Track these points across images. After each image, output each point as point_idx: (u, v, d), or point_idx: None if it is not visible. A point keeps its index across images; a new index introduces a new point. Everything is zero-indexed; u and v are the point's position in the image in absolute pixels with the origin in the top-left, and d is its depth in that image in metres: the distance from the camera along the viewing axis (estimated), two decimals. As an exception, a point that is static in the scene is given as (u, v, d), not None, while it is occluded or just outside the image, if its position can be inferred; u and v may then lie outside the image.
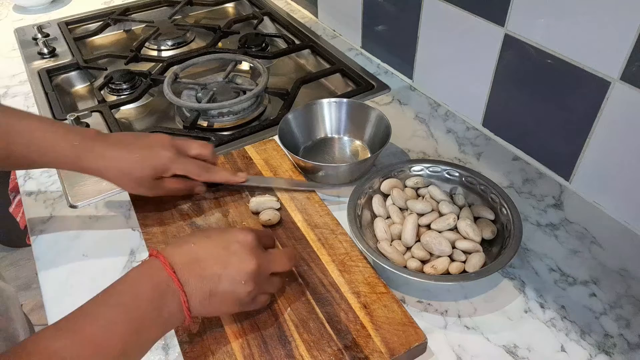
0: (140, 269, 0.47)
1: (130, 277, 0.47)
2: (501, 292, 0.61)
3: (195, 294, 0.47)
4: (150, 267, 0.47)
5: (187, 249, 0.49)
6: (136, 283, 0.46)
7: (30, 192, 0.78)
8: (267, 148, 0.81)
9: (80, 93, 1.09)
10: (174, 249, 0.49)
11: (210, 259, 0.49)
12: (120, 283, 0.46)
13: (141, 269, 0.47)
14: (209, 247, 0.50)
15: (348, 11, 1.09)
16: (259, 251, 0.52)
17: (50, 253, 0.67)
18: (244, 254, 0.50)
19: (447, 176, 0.71)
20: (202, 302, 0.48)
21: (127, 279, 0.47)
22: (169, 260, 0.47)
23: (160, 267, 0.47)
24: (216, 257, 0.49)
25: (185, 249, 0.49)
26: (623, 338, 0.56)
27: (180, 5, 1.31)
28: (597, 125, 0.67)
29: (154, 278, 0.46)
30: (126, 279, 0.47)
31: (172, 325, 0.48)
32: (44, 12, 1.34)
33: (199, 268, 0.48)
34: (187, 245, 0.49)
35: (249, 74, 1.10)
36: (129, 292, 0.45)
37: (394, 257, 0.61)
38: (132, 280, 0.46)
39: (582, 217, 0.70)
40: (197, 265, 0.48)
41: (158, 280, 0.46)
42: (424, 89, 0.97)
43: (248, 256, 0.50)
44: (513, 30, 0.73)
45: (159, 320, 0.45)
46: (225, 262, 0.49)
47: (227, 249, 0.50)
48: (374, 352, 0.52)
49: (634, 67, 0.60)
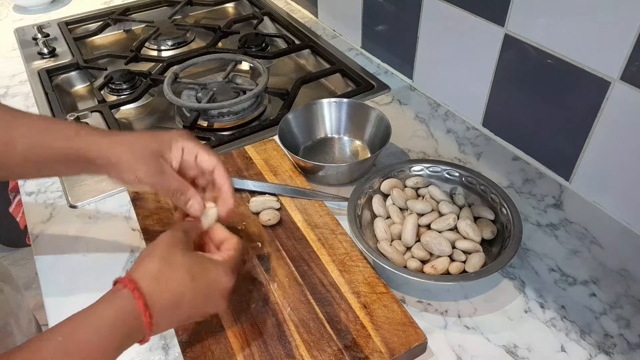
0: (113, 308, 0.43)
1: (101, 317, 0.43)
2: (501, 292, 0.61)
3: (158, 329, 0.46)
4: (123, 311, 0.43)
5: (172, 294, 0.46)
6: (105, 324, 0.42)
7: (30, 192, 0.78)
8: (267, 148, 0.81)
9: (80, 93, 1.09)
10: (155, 287, 0.45)
11: (189, 308, 0.47)
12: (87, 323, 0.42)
13: (114, 309, 0.43)
14: (191, 294, 0.47)
15: (348, 11, 1.09)
16: (233, 287, 0.51)
17: (50, 253, 0.67)
18: (220, 301, 0.49)
19: (447, 176, 0.71)
20: (164, 330, 0.48)
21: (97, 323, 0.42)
22: (149, 302, 0.44)
23: (136, 315, 0.43)
24: (195, 305, 0.48)
25: (171, 294, 0.46)
26: (623, 338, 0.56)
27: (180, 5, 1.31)
28: (597, 125, 0.67)
29: (126, 324, 0.43)
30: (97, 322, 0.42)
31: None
32: (44, 12, 1.34)
33: (175, 315, 0.47)
34: (172, 287, 0.46)
35: (249, 74, 1.10)
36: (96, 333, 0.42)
37: (394, 257, 0.61)
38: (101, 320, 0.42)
39: (582, 217, 0.70)
40: (175, 310, 0.46)
41: (130, 327, 0.43)
42: (424, 89, 0.97)
43: (223, 302, 0.50)
44: (513, 30, 0.73)
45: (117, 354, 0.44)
46: (201, 309, 0.49)
47: (208, 296, 0.48)
48: (374, 352, 0.52)
49: (634, 67, 0.60)
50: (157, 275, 0.45)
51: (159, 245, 0.48)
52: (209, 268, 0.48)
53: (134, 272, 0.46)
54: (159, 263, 0.46)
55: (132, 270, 0.46)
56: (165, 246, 0.48)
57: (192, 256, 0.48)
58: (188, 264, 0.47)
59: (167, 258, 0.47)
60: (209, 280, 0.48)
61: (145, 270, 0.46)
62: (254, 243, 0.65)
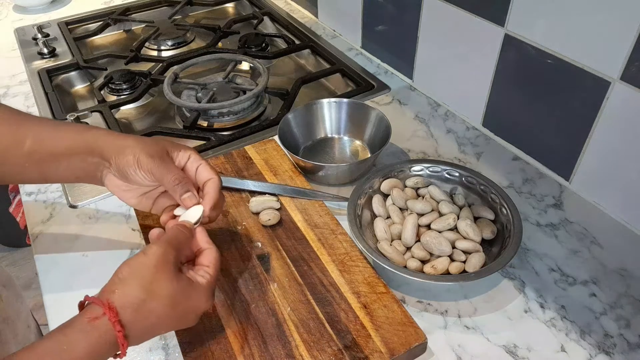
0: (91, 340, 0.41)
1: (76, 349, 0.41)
2: (501, 292, 0.61)
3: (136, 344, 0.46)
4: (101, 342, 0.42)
5: (149, 323, 0.45)
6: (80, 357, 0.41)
7: (30, 192, 0.78)
8: (267, 148, 0.81)
9: (80, 93, 1.09)
10: (135, 319, 0.44)
11: (161, 330, 0.48)
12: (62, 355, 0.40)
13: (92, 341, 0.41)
14: (169, 319, 0.47)
15: (348, 11, 1.09)
16: (212, 303, 0.51)
17: (50, 253, 0.67)
18: (196, 319, 0.50)
19: (447, 176, 0.71)
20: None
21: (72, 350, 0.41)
22: (127, 333, 0.43)
23: (113, 344, 0.42)
24: (169, 326, 0.48)
25: (148, 323, 0.45)
26: (623, 338, 0.56)
27: (180, 5, 1.31)
28: (597, 125, 0.67)
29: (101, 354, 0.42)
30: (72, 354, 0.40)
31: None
32: (44, 12, 1.34)
33: (148, 335, 0.47)
34: (151, 319, 0.45)
35: (249, 74, 1.10)
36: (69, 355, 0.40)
37: (394, 257, 0.61)
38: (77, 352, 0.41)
39: (582, 217, 0.70)
40: (148, 336, 0.47)
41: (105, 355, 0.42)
42: (424, 89, 0.97)
43: (195, 319, 0.50)
44: (513, 30, 0.73)
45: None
46: (173, 327, 0.49)
47: (182, 319, 0.48)
48: (374, 352, 0.52)
49: (634, 67, 0.60)
50: (140, 306, 0.44)
51: (145, 267, 0.45)
52: (190, 295, 0.47)
53: (114, 297, 0.43)
54: (142, 293, 0.44)
55: (111, 293, 0.44)
56: (152, 269, 0.45)
57: (177, 283, 0.46)
58: (172, 294, 0.45)
59: (152, 284, 0.45)
60: (188, 307, 0.47)
61: (126, 298, 0.44)
62: (254, 243, 0.65)
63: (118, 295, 0.44)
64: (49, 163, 0.54)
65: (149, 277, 0.45)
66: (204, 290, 0.49)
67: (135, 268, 0.46)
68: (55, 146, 0.54)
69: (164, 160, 0.54)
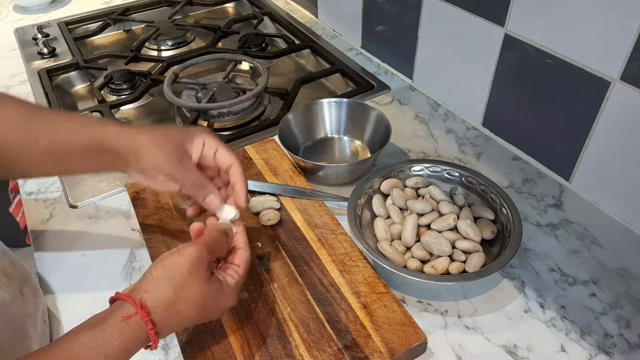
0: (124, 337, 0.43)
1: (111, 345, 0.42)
2: (501, 292, 0.61)
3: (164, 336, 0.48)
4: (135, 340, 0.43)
5: (178, 322, 0.47)
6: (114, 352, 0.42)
7: (30, 192, 0.78)
8: (267, 148, 0.81)
9: (80, 93, 1.09)
10: (166, 320, 0.45)
11: (189, 324, 0.49)
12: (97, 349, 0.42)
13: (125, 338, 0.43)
14: (194, 320, 0.49)
15: (348, 11, 1.09)
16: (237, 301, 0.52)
17: (50, 253, 0.67)
18: (217, 317, 0.53)
19: (447, 176, 0.71)
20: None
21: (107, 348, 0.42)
22: (158, 330, 0.44)
23: (145, 341, 0.44)
24: (194, 322, 0.50)
25: (177, 322, 0.47)
26: (623, 338, 0.56)
27: (180, 5, 1.31)
28: (597, 125, 0.67)
29: (134, 350, 0.44)
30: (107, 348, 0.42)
31: None
32: (44, 12, 1.34)
33: (176, 329, 0.49)
34: (180, 319, 0.47)
35: (249, 74, 1.09)
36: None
37: (394, 257, 0.61)
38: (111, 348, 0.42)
39: (582, 217, 0.70)
40: (176, 328, 0.48)
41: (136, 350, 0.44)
42: (424, 89, 0.97)
43: (220, 315, 0.53)
44: (513, 30, 0.73)
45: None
46: (199, 322, 0.50)
47: (209, 316, 0.50)
48: (374, 352, 0.52)
49: (634, 67, 0.60)
50: (170, 307, 0.45)
51: (179, 270, 0.46)
52: (219, 297, 0.49)
53: (147, 294, 0.45)
54: (174, 293, 0.45)
55: (144, 291, 0.45)
56: (185, 273, 0.46)
57: (208, 287, 0.47)
58: (202, 298, 0.47)
59: (184, 288, 0.46)
60: (215, 307, 0.49)
61: (159, 299, 0.45)
62: (254, 243, 0.65)
63: (150, 295, 0.45)
64: (67, 159, 0.54)
65: (181, 281, 0.46)
66: (232, 290, 0.50)
67: (169, 269, 0.46)
68: (69, 145, 0.53)
69: (181, 160, 0.53)
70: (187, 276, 0.46)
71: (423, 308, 0.60)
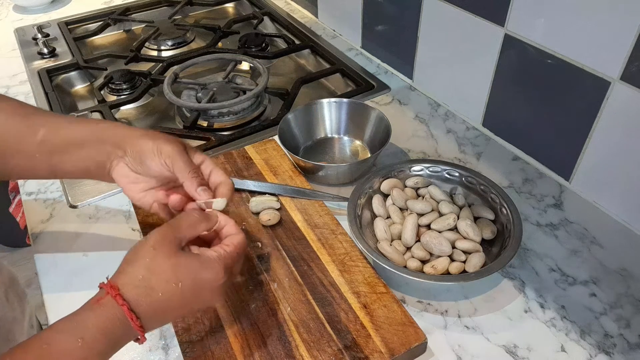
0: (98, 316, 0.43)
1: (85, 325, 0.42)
2: (501, 292, 0.61)
3: (152, 329, 0.47)
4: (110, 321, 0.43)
5: (155, 301, 0.45)
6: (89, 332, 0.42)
7: (30, 192, 0.78)
8: (267, 148, 0.81)
9: (80, 93, 1.09)
10: (139, 298, 0.44)
11: (179, 308, 0.47)
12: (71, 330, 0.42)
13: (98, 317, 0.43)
14: (178, 298, 0.46)
15: (348, 11, 1.09)
16: (226, 283, 0.49)
17: (50, 253, 0.67)
18: (212, 299, 0.49)
19: (447, 176, 0.71)
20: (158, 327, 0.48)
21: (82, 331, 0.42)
22: (135, 309, 0.44)
23: (123, 321, 0.43)
24: (184, 305, 0.47)
25: (154, 301, 0.45)
26: (623, 338, 0.56)
27: (180, 5, 1.31)
28: (597, 125, 0.67)
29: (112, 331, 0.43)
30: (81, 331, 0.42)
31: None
32: (44, 12, 1.34)
33: (166, 316, 0.47)
34: (155, 296, 0.45)
35: (249, 74, 1.10)
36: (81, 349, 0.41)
37: (394, 257, 0.61)
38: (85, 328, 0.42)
39: (582, 217, 0.70)
40: (164, 314, 0.47)
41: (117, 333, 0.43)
42: (424, 89, 0.97)
43: (216, 297, 0.49)
44: (513, 30, 0.73)
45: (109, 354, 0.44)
46: (192, 307, 0.48)
47: (197, 296, 0.47)
48: (374, 352, 0.52)
49: (634, 67, 0.60)
50: (141, 283, 0.45)
51: (144, 248, 0.46)
52: (195, 269, 0.47)
53: (117, 277, 0.45)
54: (142, 270, 0.45)
55: (115, 275, 0.45)
56: (150, 249, 0.46)
57: (177, 259, 0.46)
58: (172, 269, 0.46)
59: (150, 264, 0.45)
60: (195, 281, 0.47)
61: (128, 277, 0.45)
62: (254, 243, 0.65)
63: (120, 275, 0.45)
64: (60, 154, 0.54)
65: (146, 255, 0.46)
66: (213, 262, 0.48)
67: (136, 250, 0.47)
68: (69, 135, 0.54)
69: (180, 150, 0.54)
70: (152, 250, 0.46)
71: (423, 308, 0.60)
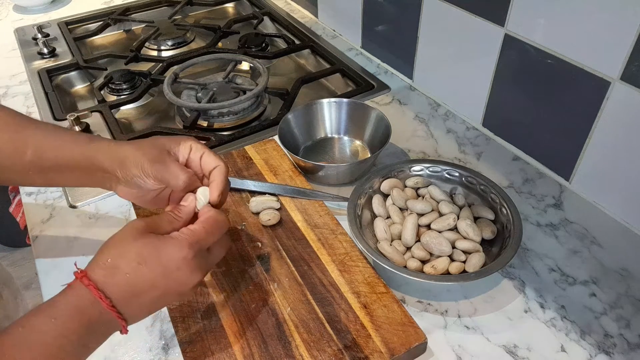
0: (68, 298, 0.43)
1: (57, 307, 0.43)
2: (501, 292, 0.61)
3: (135, 317, 0.47)
4: (80, 300, 0.43)
5: (122, 280, 0.45)
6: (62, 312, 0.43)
7: (30, 192, 0.78)
8: (267, 148, 0.81)
9: (80, 93, 1.09)
10: (106, 279, 0.45)
11: (149, 290, 0.46)
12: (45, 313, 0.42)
13: (70, 302, 0.43)
14: (145, 276, 0.46)
15: (348, 11, 1.09)
16: (200, 261, 0.48)
17: (50, 253, 0.67)
18: (184, 276, 0.48)
19: (447, 176, 0.71)
20: (142, 316, 0.48)
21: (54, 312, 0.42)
22: (104, 290, 0.44)
23: (93, 302, 0.44)
24: (157, 286, 0.47)
25: (121, 280, 0.45)
26: (623, 338, 0.56)
27: (180, 5, 1.31)
28: (597, 125, 0.67)
29: (85, 312, 0.43)
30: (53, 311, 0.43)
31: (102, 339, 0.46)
32: (44, 12, 1.34)
33: (143, 300, 0.47)
34: (122, 276, 0.45)
35: (249, 74, 1.10)
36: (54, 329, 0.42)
37: (394, 257, 0.61)
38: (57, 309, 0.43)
39: (582, 217, 0.70)
40: (139, 297, 0.46)
41: (90, 315, 0.43)
42: (424, 89, 0.97)
43: (190, 275, 0.48)
44: (513, 30, 0.73)
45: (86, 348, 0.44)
46: (166, 289, 0.47)
47: (167, 275, 0.47)
48: (374, 352, 0.52)
49: (634, 67, 0.60)
50: (107, 265, 0.45)
51: (114, 237, 0.48)
52: (159, 247, 0.47)
53: (87, 265, 0.46)
54: (110, 254, 0.46)
55: (87, 264, 0.47)
56: (118, 237, 0.47)
57: (142, 240, 0.47)
58: (136, 250, 0.46)
59: (116, 247, 0.47)
60: (160, 258, 0.46)
61: (95, 262, 0.46)
62: (254, 243, 0.65)
63: (91, 262, 0.46)
64: (53, 173, 0.55)
65: (113, 242, 0.47)
66: (175, 239, 0.47)
67: (107, 240, 0.48)
68: (58, 157, 0.54)
69: (166, 163, 0.53)
70: (118, 237, 0.47)
71: (423, 308, 0.60)
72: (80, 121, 0.87)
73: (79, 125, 0.87)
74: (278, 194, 0.72)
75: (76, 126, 0.86)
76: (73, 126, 0.86)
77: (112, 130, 0.88)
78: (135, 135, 0.86)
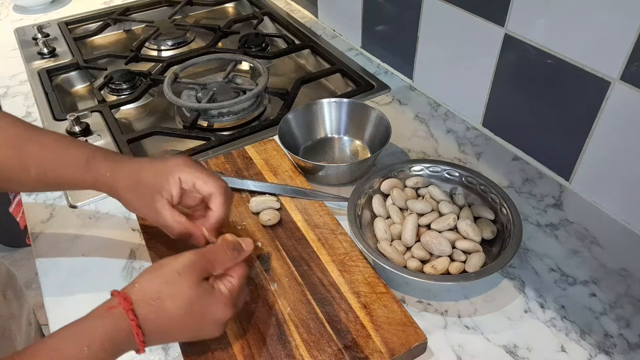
0: (106, 327, 0.43)
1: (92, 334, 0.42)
2: (501, 292, 0.61)
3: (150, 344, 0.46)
4: (117, 332, 0.43)
5: (163, 321, 0.45)
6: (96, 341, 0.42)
7: (30, 193, 0.78)
8: (267, 148, 0.81)
9: (80, 93, 1.09)
10: (148, 316, 0.44)
11: (178, 332, 0.47)
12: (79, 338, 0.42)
13: (107, 328, 0.43)
14: (184, 322, 0.46)
15: (348, 11, 1.09)
16: (233, 313, 0.49)
17: (50, 253, 0.67)
18: (215, 330, 0.49)
19: (447, 176, 0.71)
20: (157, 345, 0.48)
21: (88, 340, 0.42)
22: (142, 325, 0.44)
23: (129, 334, 0.43)
24: (186, 330, 0.47)
25: (162, 321, 0.45)
26: (623, 338, 0.56)
27: (180, 5, 1.31)
28: (597, 125, 0.67)
29: (117, 342, 0.43)
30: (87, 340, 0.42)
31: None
32: (44, 12, 1.34)
33: (166, 337, 0.48)
34: (164, 319, 0.45)
35: (249, 74, 1.10)
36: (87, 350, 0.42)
37: (394, 257, 0.61)
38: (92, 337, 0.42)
39: (582, 217, 0.70)
40: (166, 334, 0.47)
41: (121, 344, 0.44)
42: (424, 89, 0.97)
43: (218, 329, 0.49)
44: (513, 30, 0.73)
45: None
46: (191, 334, 0.48)
47: (200, 328, 0.48)
48: (374, 352, 0.52)
49: (634, 67, 0.60)
50: (155, 303, 0.45)
51: (168, 269, 0.46)
52: (208, 303, 0.47)
53: (131, 290, 0.45)
54: (160, 289, 0.45)
55: (130, 287, 0.45)
56: (174, 273, 0.46)
57: (197, 290, 0.46)
58: (188, 300, 0.46)
59: (169, 288, 0.46)
60: (205, 316, 0.47)
61: (143, 293, 0.45)
62: (254, 243, 0.65)
63: (137, 288, 0.45)
64: (58, 187, 0.59)
65: (170, 278, 0.46)
66: (224, 298, 0.48)
67: (160, 267, 0.47)
68: (60, 179, 0.56)
69: (157, 210, 0.55)
70: (177, 275, 0.46)
71: (423, 308, 0.60)
72: (80, 121, 0.87)
73: (79, 125, 0.87)
74: (278, 194, 0.72)
75: (76, 126, 0.86)
76: (73, 126, 0.86)
77: (112, 130, 0.88)
78: (135, 136, 0.86)
